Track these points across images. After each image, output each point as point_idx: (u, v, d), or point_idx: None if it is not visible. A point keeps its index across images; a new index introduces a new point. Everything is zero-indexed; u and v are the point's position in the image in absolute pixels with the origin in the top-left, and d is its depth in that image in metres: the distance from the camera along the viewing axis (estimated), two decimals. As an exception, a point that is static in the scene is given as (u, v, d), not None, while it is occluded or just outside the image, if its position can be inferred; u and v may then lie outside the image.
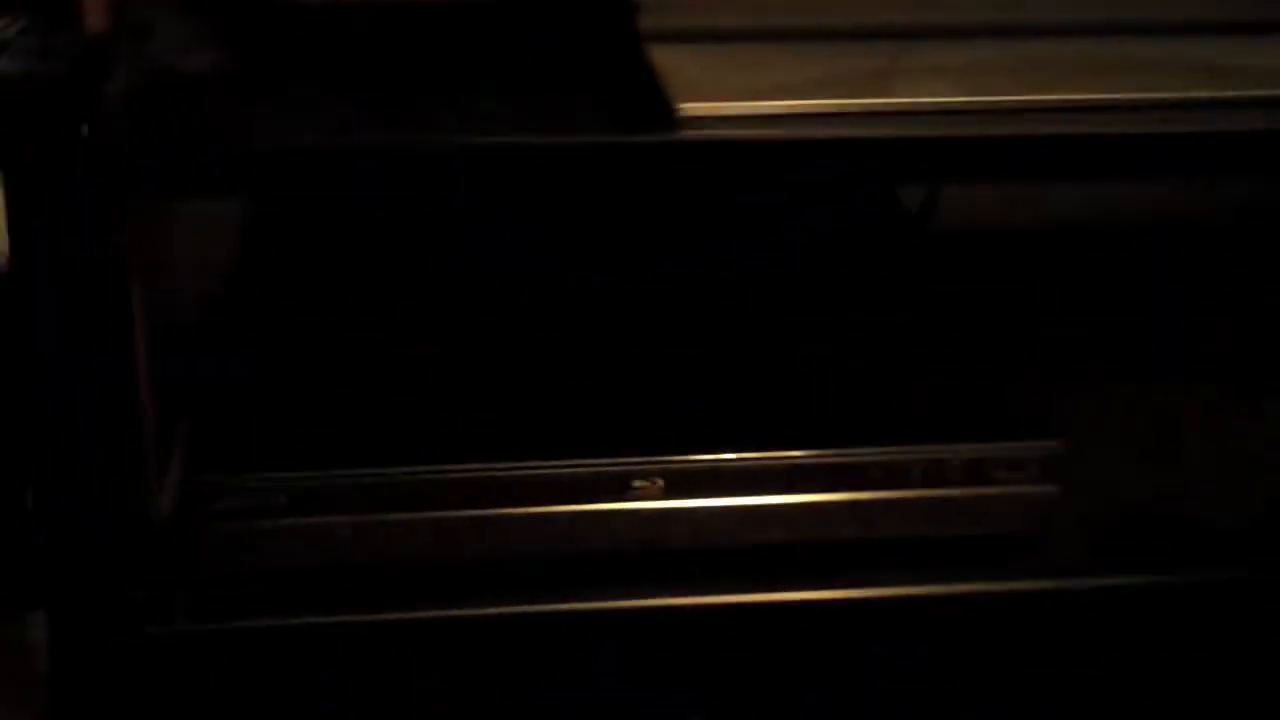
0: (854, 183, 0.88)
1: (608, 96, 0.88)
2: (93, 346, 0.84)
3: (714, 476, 0.92)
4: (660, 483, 0.91)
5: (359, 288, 1.05)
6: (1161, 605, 0.95)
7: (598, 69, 0.92)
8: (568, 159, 0.83)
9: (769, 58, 0.91)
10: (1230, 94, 0.88)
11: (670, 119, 0.84)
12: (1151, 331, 1.16)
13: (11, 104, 0.80)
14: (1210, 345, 1.15)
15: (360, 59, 0.93)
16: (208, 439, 0.93)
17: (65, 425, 0.85)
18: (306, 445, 0.91)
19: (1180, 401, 1.09)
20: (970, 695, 0.96)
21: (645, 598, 0.92)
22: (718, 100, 0.85)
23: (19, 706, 0.98)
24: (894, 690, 0.95)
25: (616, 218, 1.13)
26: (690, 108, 0.85)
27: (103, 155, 0.80)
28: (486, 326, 1.01)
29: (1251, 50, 0.93)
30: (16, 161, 0.80)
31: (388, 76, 0.91)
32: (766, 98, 0.86)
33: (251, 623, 0.90)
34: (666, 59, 0.89)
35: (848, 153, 0.85)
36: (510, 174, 0.83)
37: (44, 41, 0.94)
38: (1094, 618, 0.95)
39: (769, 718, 0.96)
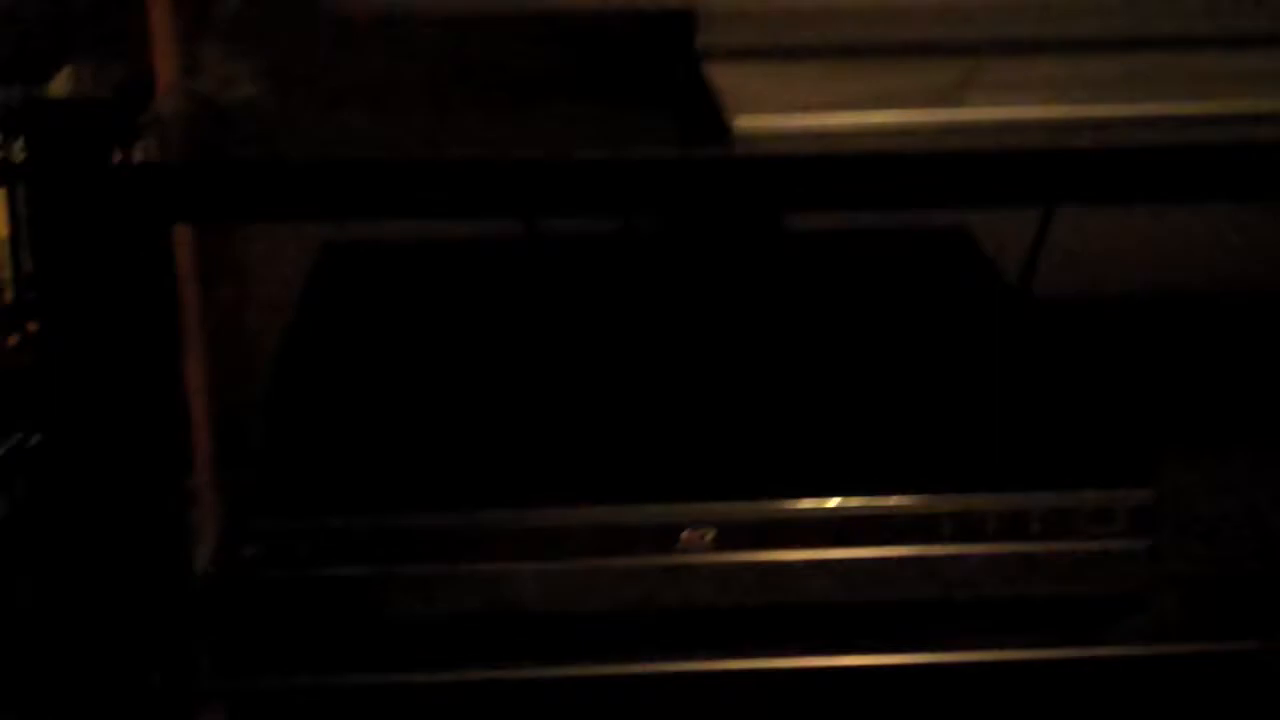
0: (920, 203, 0.81)
1: (662, 112, 0.87)
2: (127, 382, 0.81)
3: (770, 527, 0.86)
4: (711, 534, 0.85)
5: (408, 340, 1.03)
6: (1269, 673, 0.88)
7: (654, 85, 0.90)
8: (618, 175, 0.80)
9: (833, 73, 0.86)
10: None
11: (724, 135, 0.81)
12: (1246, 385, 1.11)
13: (41, 127, 0.80)
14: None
15: (406, 77, 0.93)
16: (252, 485, 0.89)
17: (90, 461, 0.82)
18: (345, 492, 0.87)
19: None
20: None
21: (693, 661, 0.87)
22: (774, 116, 0.82)
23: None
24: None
25: (681, 250, 1.11)
26: (745, 123, 0.81)
27: (131, 179, 0.79)
28: (531, 367, 0.98)
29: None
30: (45, 190, 0.79)
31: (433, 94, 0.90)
32: (826, 113, 0.82)
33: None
34: (725, 76, 0.86)
35: (915, 169, 0.80)
36: (562, 191, 0.80)
37: (93, 73, 0.96)
38: (1194, 688, 0.88)
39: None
